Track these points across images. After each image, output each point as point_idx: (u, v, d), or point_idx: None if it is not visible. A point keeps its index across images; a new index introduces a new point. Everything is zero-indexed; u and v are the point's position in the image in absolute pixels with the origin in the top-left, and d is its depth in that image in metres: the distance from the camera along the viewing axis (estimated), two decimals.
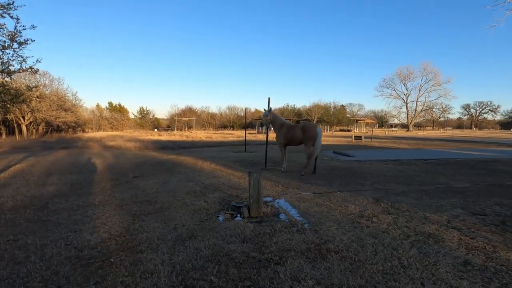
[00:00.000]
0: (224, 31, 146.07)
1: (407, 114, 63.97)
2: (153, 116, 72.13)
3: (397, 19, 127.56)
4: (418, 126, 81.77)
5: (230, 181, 6.38)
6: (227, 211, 4.23)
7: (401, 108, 66.12)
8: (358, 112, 79.55)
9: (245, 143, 15.02)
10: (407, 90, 64.24)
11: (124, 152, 14.58)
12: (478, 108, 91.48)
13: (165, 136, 31.38)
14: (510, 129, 70.50)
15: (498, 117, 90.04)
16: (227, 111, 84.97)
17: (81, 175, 7.43)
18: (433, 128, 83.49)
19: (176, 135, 34.63)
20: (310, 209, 4.24)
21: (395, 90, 65.36)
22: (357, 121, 53.10)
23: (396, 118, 67.74)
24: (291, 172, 7.78)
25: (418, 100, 63.41)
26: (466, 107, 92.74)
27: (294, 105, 70.80)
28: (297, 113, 65.49)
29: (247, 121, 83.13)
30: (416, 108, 63.77)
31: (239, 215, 4.10)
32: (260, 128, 49.98)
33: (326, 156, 11.56)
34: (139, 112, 69.30)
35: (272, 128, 8.57)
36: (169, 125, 69.93)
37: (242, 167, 8.64)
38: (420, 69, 61.54)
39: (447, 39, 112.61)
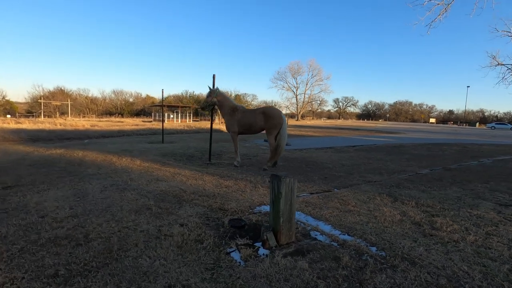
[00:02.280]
0: None
1: (297, 105, 71.41)
2: (3, 98, 54.38)
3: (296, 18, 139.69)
4: (302, 116, 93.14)
5: (186, 185, 4.55)
6: (238, 241, 2.63)
7: (291, 99, 73.14)
8: (252, 102, 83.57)
9: (163, 132, 12.44)
10: (296, 83, 71.45)
11: None
12: (344, 102, 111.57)
13: (28, 124, 23.65)
14: (364, 120, 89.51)
15: (357, 110, 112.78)
16: (113, 95, 73.43)
17: None
18: (313, 118, 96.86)
19: (45, 123, 26.80)
20: (342, 220, 3.14)
21: (287, 83, 71.60)
22: None
23: (288, 108, 74.54)
24: (248, 166, 6.48)
25: (305, 93, 71.64)
26: (336, 101, 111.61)
27: (194, 92, 67.52)
28: (197, 100, 62.72)
29: (137, 108, 74.25)
30: (304, 100, 71.90)
31: (257, 243, 2.61)
32: (156, 115, 45.11)
33: (263, 145, 10.71)
34: None
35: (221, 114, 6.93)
36: (31, 110, 54.50)
37: (181, 163, 6.70)
38: (307, 65, 69.28)
39: (330, 39, 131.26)
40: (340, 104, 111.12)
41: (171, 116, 46.43)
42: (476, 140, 17.07)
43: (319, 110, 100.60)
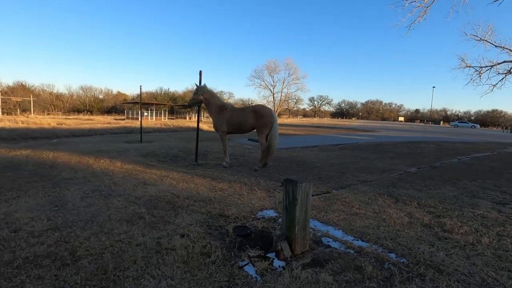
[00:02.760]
0: None
1: (274, 104, 71.73)
2: None
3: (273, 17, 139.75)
4: (279, 114, 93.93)
5: (178, 189, 4.23)
6: (249, 252, 2.40)
7: (268, 97, 73.30)
8: (229, 100, 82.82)
9: (141, 131, 11.75)
10: (273, 82, 71.71)
11: None
12: (319, 101, 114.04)
13: None
14: (338, 118, 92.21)
15: (332, 108, 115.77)
16: (81, 91, 69.35)
17: None
18: (289, 116, 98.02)
19: (4, 120, 24.63)
20: (352, 224, 3.02)
21: (264, 81, 71.58)
22: None
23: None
24: (237, 167, 6.23)
25: (282, 91, 72.14)
26: (312, 99, 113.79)
27: (169, 89, 65.46)
28: (172, 97, 60.92)
29: (108, 105, 70.54)
30: (280, 98, 72.41)
31: (270, 254, 2.40)
32: (130, 113, 43.23)
33: (248, 144, 10.48)
34: None
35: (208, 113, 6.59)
36: None
37: (166, 164, 6.30)
38: (284, 64, 69.71)
39: (306, 38, 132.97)
40: (315, 102, 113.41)
41: (145, 114, 44.70)
42: (446, 138, 18.05)
43: (295, 108, 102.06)
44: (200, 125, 22.59)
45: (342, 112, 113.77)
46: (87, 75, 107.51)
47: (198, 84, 6.39)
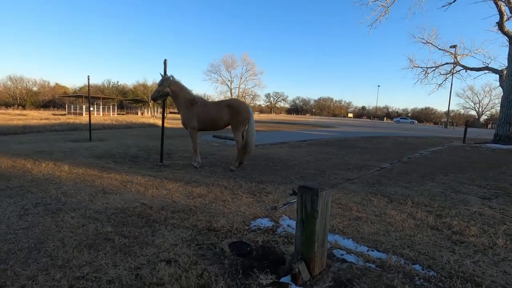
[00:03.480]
0: None
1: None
2: None
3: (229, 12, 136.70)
4: None
5: (148, 197, 3.55)
6: (260, 279, 1.94)
7: (226, 93, 72.24)
8: None
9: (90, 128, 10.24)
10: (231, 77, 70.81)
11: None
12: (275, 97, 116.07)
13: None
14: (293, 114, 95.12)
15: (287, 105, 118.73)
16: (9, 83, 60.58)
17: None
18: None
19: None
20: (359, 231, 2.73)
21: (221, 76, 70.26)
22: None
23: None
24: (210, 167, 5.66)
25: (240, 87, 71.63)
26: (268, 96, 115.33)
27: (118, 82, 60.42)
28: (122, 91, 56.42)
29: (45, 99, 62.53)
30: (238, 94, 71.82)
31: (284, 279, 1.98)
32: (73, 108, 38.90)
33: (214, 142, 9.84)
34: None
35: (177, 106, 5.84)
36: None
37: (125, 166, 5.45)
38: (241, 59, 69.11)
39: (263, 35, 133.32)
40: (271, 99, 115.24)
41: (92, 108, 40.64)
42: (398, 133, 19.42)
43: (252, 104, 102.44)
44: (157, 121, 21.14)
45: (297, 108, 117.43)
46: (18, 63, 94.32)
47: (163, 74, 5.63)
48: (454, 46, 24.83)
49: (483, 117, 70.36)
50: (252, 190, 4.07)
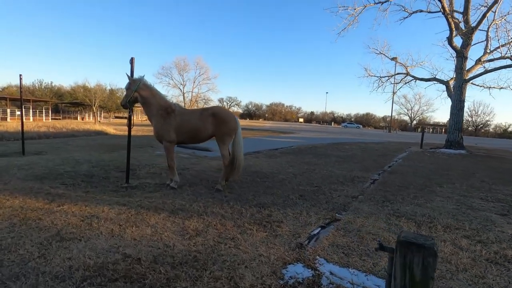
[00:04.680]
0: None
1: (184, 104, 68.16)
2: None
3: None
4: None
5: (129, 242, 2.60)
6: None
7: (178, 97, 69.30)
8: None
9: (23, 138, 8.22)
10: (183, 81, 68.17)
11: None
12: (229, 102, 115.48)
13: None
14: (247, 119, 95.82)
15: (240, 110, 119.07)
16: None
17: None
18: None
19: None
20: None
21: (173, 79, 67.21)
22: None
23: None
24: (190, 187, 4.78)
25: (193, 91, 69.32)
26: (221, 100, 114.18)
27: (51, 82, 53.29)
28: (57, 93, 49.91)
29: None
30: (191, 98, 69.39)
31: None
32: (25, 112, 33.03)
33: (183, 153, 8.77)
34: None
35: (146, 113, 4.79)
36: None
37: (80, 191, 4.26)
38: (194, 62, 67.00)
39: (217, 39, 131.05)
40: (225, 103, 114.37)
41: (18, 112, 35.11)
42: (356, 138, 20.32)
43: None
44: (106, 127, 18.86)
45: (250, 113, 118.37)
46: None
47: (130, 75, 4.60)
48: (395, 58, 27.27)
49: (413, 122, 79.25)
50: (257, 218, 3.36)
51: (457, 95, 12.04)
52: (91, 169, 5.81)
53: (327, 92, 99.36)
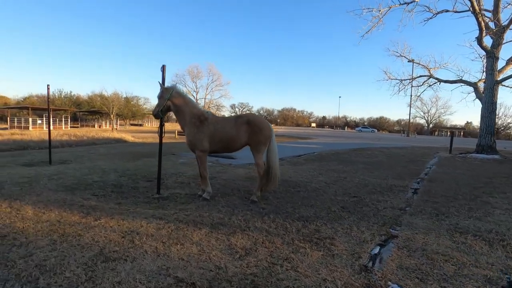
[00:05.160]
0: None
1: None
2: None
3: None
4: None
5: (177, 263, 2.40)
6: None
7: None
8: (144, 106, 75.85)
9: (50, 147, 8.31)
10: (196, 88, 69.17)
11: None
12: (240, 108, 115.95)
13: None
14: None
15: None
16: None
17: None
18: None
19: None
20: None
21: (186, 86, 68.31)
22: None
23: None
24: (222, 198, 4.59)
25: (206, 97, 70.03)
26: (233, 106, 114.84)
27: (71, 92, 54.88)
28: (76, 102, 51.38)
29: None
30: (204, 105, 70.05)
31: None
32: (16, 121, 34.21)
33: (212, 162, 8.60)
34: None
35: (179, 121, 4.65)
36: None
37: (112, 203, 4.14)
38: (206, 69, 67.81)
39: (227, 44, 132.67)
40: (237, 109, 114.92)
41: (39, 121, 36.28)
42: (376, 143, 19.76)
43: (218, 115, 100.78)
44: (124, 135, 19.10)
45: None
46: None
47: (162, 83, 4.49)
48: (412, 60, 26.58)
49: (430, 126, 77.06)
50: (305, 234, 3.10)
51: (488, 97, 11.48)
52: (119, 179, 5.71)
53: (340, 97, 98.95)
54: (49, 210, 3.64)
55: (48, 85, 7.61)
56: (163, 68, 4.63)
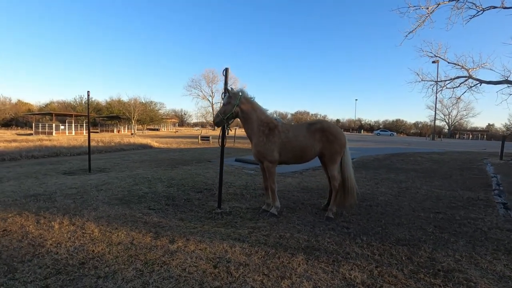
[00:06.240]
0: None
1: (213, 115, 69.18)
2: None
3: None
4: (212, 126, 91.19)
5: None
6: None
7: (207, 108, 70.87)
8: (159, 111, 76.73)
9: (90, 154, 8.13)
10: (212, 92, 69.67)
11: None
12: None
13: None
14: None
15: None
16: None
17: None
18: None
19: None
20: None
21: (202, 91, 69.01)
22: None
23: (205, 118, 72.30)
24: (290, 214, 4.14)
25: (221, 102, 70.45)
26: None
27: (92, 98, 56.20)
28: (96, 108, 52.46)
29: (6, 117, 56.32)
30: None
31: None
32: (40, 126, 35.03)
33: (246, 168, 8.24)
34: None
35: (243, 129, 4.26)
36: None
37: (175, 219, 3.78)
38: (222, 74, 68.15)
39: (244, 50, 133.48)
40: None
41: (62, 126, 37.09)
42: (410, 148, 18.92)
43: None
44: (149, 140, 18.98)
45: None
46: None
47: (228, 88, 4.12)
48: (436, 62, 25.46)
49: (451, 128, 74.27)
50: (423, 265, 2.61)
51: None
52: (168, 190, 5.38)
53: (356, 99, 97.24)
54: (115, 229, 3.30)
55: (88, 91, 7.44)
56: (225, 72, 4.28)
